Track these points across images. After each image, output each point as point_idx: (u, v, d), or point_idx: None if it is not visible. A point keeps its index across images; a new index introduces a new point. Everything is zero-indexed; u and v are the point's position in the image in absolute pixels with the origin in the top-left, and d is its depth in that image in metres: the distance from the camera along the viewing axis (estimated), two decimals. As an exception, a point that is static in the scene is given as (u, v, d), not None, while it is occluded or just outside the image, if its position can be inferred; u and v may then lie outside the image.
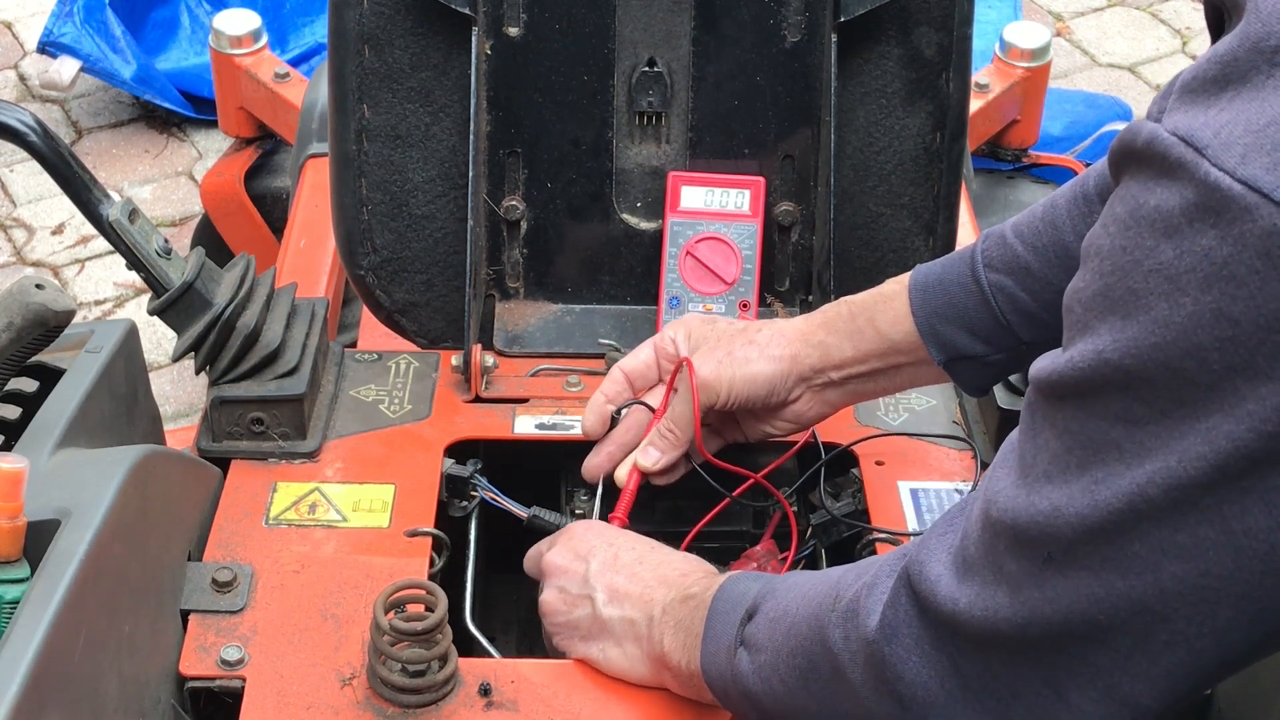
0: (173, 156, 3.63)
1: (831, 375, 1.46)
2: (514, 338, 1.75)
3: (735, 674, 1.19)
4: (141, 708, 1.26)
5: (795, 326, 1.48)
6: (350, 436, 1.61)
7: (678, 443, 1.47)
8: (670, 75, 1.71)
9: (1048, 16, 4.12)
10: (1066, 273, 1.35)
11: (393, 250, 1.73)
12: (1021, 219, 1.39)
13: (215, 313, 1.54)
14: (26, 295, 1.28)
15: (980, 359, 1.40)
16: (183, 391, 3.03)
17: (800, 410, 1.49)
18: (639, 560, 1.35)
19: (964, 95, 1.72)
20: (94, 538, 1.18)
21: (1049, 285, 1.35)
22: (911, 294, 1.41)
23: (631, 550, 1.36)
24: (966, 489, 1.58)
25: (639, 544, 1.38)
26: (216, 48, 2.78)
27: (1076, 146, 3.00)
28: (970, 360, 1.40)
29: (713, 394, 1.46)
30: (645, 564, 1.35)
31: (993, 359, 1.40)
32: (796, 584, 1.19)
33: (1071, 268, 1.37)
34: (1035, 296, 1.36)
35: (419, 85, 1.69)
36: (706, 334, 1.50)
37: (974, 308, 1.38)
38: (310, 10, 3.72)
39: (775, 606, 1.18)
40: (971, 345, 1.39)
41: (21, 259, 3.32)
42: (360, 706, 1.31)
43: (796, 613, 1.15)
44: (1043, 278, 1.36)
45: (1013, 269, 1.37)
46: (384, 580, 1.39)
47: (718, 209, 1.73)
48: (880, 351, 1.44)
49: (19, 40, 3.97)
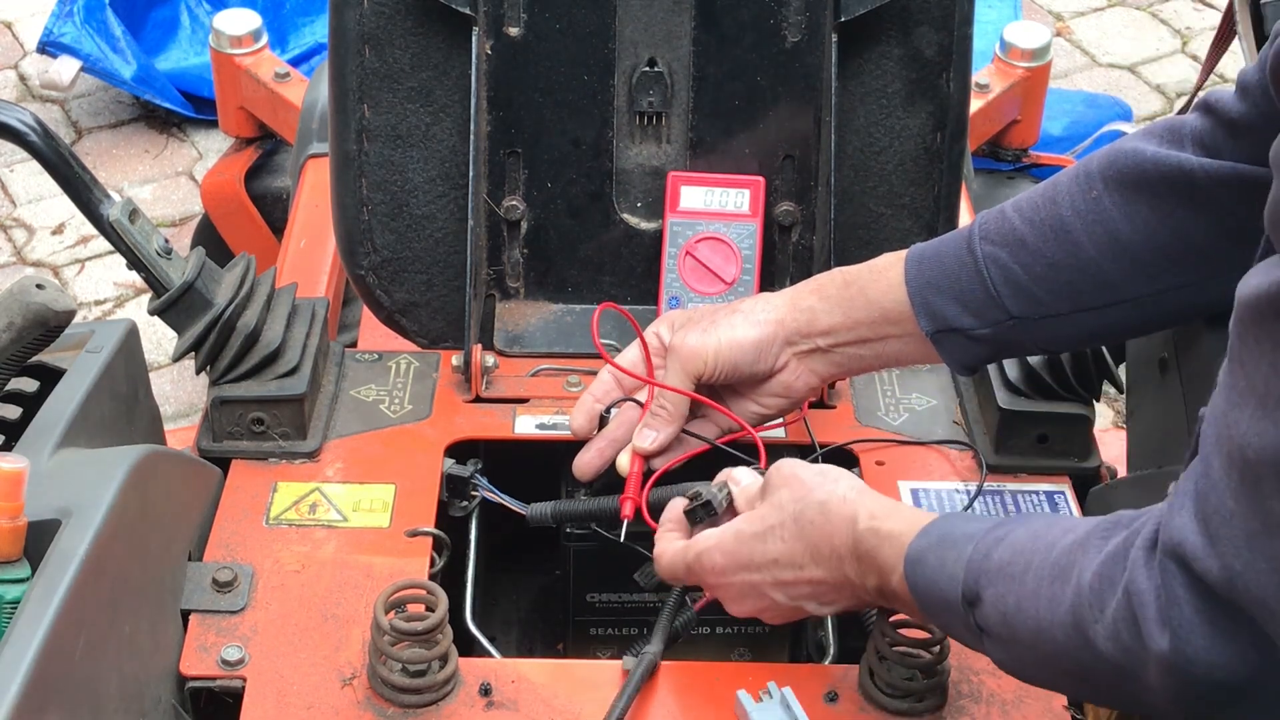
0: (173, 156, 3.63)
1: (819, 342, 1.45)
2: (514, 338, 1.75)
3: (980, 646, 1.19)
4: (142, 708, 1.26)
5: (784, 293, 1.48)
6: (351, 436, 1.61)
7: (671, 419, 1.46)
8: (670, 75, 1.71)
9: (1048, 16, 4.12)
10: (1061, 247, 1.35)
11: (393, 250, 1.73)
12: (1022, 196, 1.40)
13: (216, 313, 1.54)
14: (27, 295, 1.28)
15: (966, 332, 1.40)
16: (183, 391, 3.03)
17: (788, 381, 1.48)
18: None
19: (964, 95, 1.72)
20: (94, 538, 1.18)
21: (1041, 257, 1.35)
22: (907, 264, 1.42)
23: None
24: (967, 489, 1.58)
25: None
26: (216, 47, 2.78)
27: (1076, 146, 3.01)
28: (957, 333, 1.40)
29: (699, 362, 1.45)
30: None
31: (979, 333, 1.39)
32: (1012, 573, 1.13)
33: (1067, 243, 1.38)
34: (1027, 269, 1.36)
35: (419, 85, 1.69)
36: (690, 316, 1.51)
37: (966, 278, 1.38)
38: (310, 10, 3.72)
39: (999, 598, 1.14)
40: (960, 317, 1.39)
41: (21, 259, 3.32)
42: (360, 706, 1.31)
43: (1039, 616, 1.10)
44: (1036, 250, 1.36)
45: (1008, 241, 1.37)
46: (384, 580, 1.39)
47: (717, 209, 1.73)
48: (869, 320, 1.43)
49: (19, 40, 3.97)
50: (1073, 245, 1.34)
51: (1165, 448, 1.52)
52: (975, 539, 1.17)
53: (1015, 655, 1.15)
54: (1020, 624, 1.12)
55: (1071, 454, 1.61)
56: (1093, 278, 1.35)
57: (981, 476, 1.59)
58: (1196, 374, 1.46)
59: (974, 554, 1.16)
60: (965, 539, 1.18)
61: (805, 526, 1.28)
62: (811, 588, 1.29)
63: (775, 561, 1.29)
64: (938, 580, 1.18)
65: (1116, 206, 1.33)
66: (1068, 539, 1.11)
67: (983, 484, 1.58)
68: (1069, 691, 1.28)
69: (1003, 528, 1.17)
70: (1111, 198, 1.33)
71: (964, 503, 1.56)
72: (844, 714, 1.33)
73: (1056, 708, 1.35)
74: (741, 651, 1.58)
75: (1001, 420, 1.59)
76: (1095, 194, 1.34)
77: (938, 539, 1.20)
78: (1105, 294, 1.36)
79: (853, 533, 1.25)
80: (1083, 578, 1.07)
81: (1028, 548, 1.13)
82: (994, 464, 1.60)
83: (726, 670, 1.38)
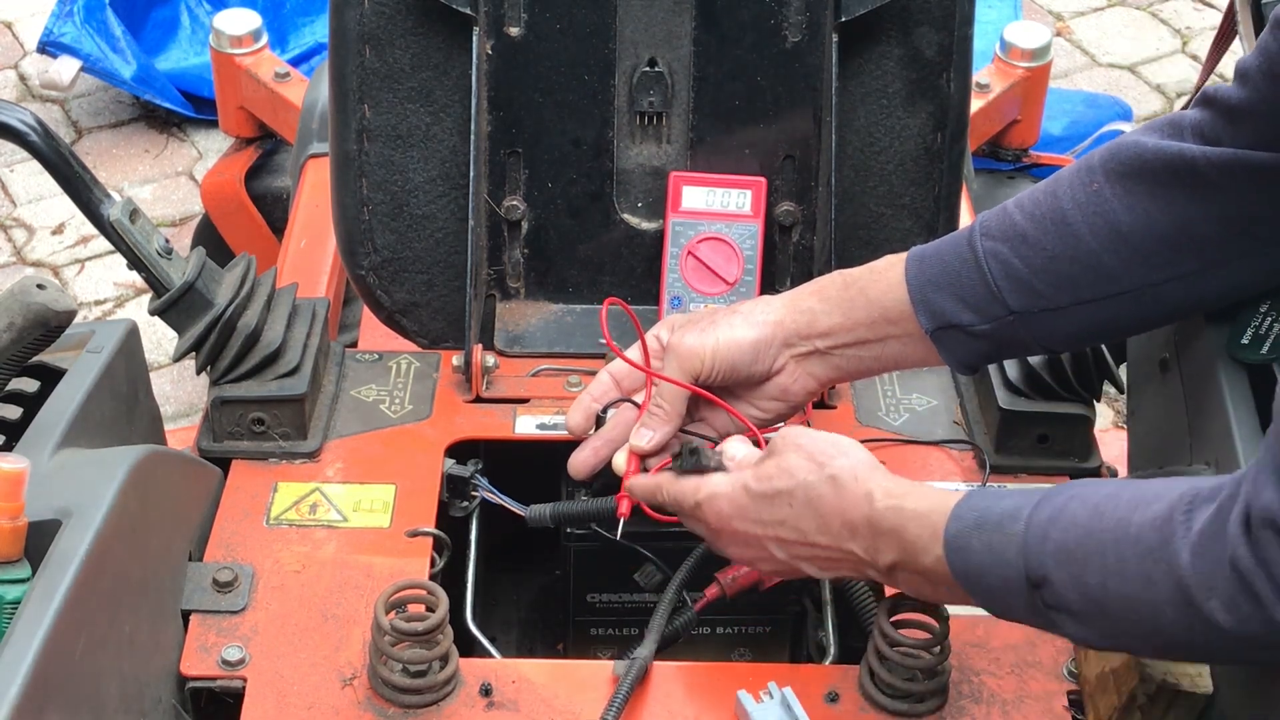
0: (173, 156, 3.63)
1: (817, 344, 1.45)
2: (515, 338, 1.75)
3: (1047, 624, 1.20)
4: (142, 708, 1.26)
5: (784, 296, 1.48)
6: (351, 436, 1.61)
7: (668, 418, 1.46)
8: (671, 75, 1.71)
9: (1048, 16, 4.12)
10: (1061, 239, 1.35)
11: (393, 250, 1.73)
12: (1024, 193, 1.40)
13: (216, 313, 1.54)
14: (28, 295, 1.28)
15: (966, 329, 1.39)
16: (183, 391, 3.03)
17: (785, 384, 1.47)
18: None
19: (965, 95, 1.72)
20: (95, 538, 1.18)
21: (1042, 251, 1.35)
22: (908, 264, 1.42)
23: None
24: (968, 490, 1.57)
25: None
26: (217, 47, 2.78)
27: (1076, 146, 3.00)
28: (957, 330, 1.40)
29: (697, 361, 1.45)
30: None
31: (979, 329, 1.39)
32: (1084, 554, 1.15)
33: (1067, 235, 1.38)
34: (1027, 263, 1.36)
35: (420, 85, 1.69)
36: (690, 318, 1.51)
37: (966, 273, 1.38)
38: (310, 10, 3.72)
39: (1075, 578, 1.15)
40: (960, 313, 1.39)
41: (21, 259, 3.32)
42: (361, 707, 1.31)
43: (1135, 595, 1.12)
44: (1037, 244, 1.36)
45: (1008, 235, 1.37)
46: (385, 580, 1.39)
47: (719, 209, 1.73)
48: (869, 320, 1.43)
49: (19, 40, 3.97)
50: (1073, 237, 1.35)
51: (1166, 448, 1.52)
52: (1019, 517, 1.18)
53: (1102, 630, 1.16)
54: (1112, 602, 1.13)
55: (1072, 454, 1.61)
56: (1093, 269, 1.35)
57: (985, 475, 1.59)
58: (1197, 374, 1.46)
59: (1029, 536, 1.17)
60: (1008, 518, 1.19)
61: (815, 500, 1.29)
62: (812, 551, 1.30)
63: (781, 523, 1.31)
64: (990, 564, 1.19)
65: (1117, 197, 1.33)
66: (1141, 515, 1.12)
67: (985, 484, 1.58)
68: (1175, 658, 1.28)
69: (1049, 503, 1.18)
70: (1112, 189, 1.33)
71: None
72: (844, 714, 1.33)
73: (1057, 708, 1.35)
74: (742, 652, 1.58)
75: (1002, 420, 1.59)
76: (1096, 186, 1.34)
77: (975, 521, 1.21)
78: (1105, 285, 1.36)
79: (869, 510, 1.26)
80: (1180, 557, 1.08)
81: (1095, 527, 1.14)
82: (994, 464, 1.60)
83: (727, 670, 1.38)
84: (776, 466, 1.32)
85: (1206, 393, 1.43)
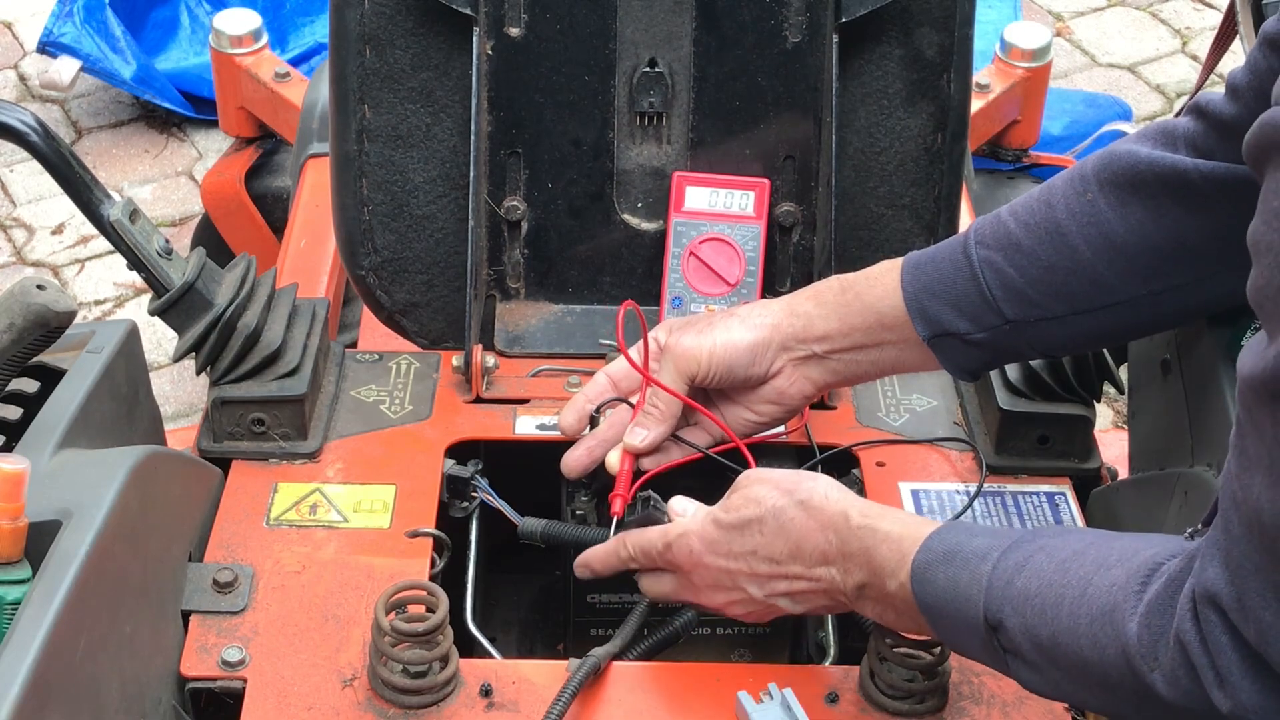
0: (173, 156, 3.63)
1: (814, 348, 1.45)
2: (515, 338, 1.75)
3: (1002, 666, 1.20)
4: (142, 708, 1.26)
5: (782, 299, 1.49)
6: (351, 437, 1.61)
7: (663, 417, 1.46)
8: (671, 76, 1.71)
9: (1048, 16, 4.12)
10: (1055, 249, 1.35)
11: (393, 251, 1.73)
12: (1018, 201, 1.40)
13: (216, 313, 1.54)
14: (28, 296, 1.28)
15: (962, 336, 1.40)
16: (183, 391, 3.03)
17: (782, 387, 1.47)
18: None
19: (965, 96, 1.72)
20: (95, 539, 1.18)
21: (1037, 260, 1.35)
22: (903, 271, 1.42)
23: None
24: (967, 490, 1.58)
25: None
26: (217, 47, 2.78)
27: (1076, 146, 3.00)
28: (953, 338, 1.40)
29: (693, 362, 1.45)
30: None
31: (975, 337, 1.39)
32: (1041, 606, 1.15)
33: (1062, 246, 1.38)
34: (1022, 272, 1.36)
35: (420, 85, 1.69)
36: (689, 321, 1.51)
37: (961, 282, 1.38)
38: (310, 10, 3.72)
39: (1030, 628, 1.15)
40: (956, 321, 1.39)
41: (21, 259, 3.32)
42: (361, 707, 1.31)
43: (1083, 654, 1.12)
44: (1031, 253, 1.36)
45: (1003, 245, 1.37)
46: (385, 581, 1.39)
47: (722, 210, 1.73)
48: (866, 326, 1.43)
49: (19, 40, 3.97)
50: (1068, 248, 1.35)
51: (1167, 449, 1.52)
52: (989, 558, 1.18)
53: (1052, 680, 1.17)
54: (1062, 657, 1.13)
55: (1072, 455, 1.61)
56: (1088, 280, 1.35)
57: (982, 476, 1.59)
58: (1198, 375, 1.46)
59: (994, 579, 1.17)
60: (976, 557, 1.19)
61: (786, 524, 1.28)
62: (788, 583, 1.30)
63: (753, 553, 1.30)
64: (950, 599, 1.19)
65: (1111, 208, 1.33)
66: (1101, 578, 1.12)
67: (983, 484, 1.58)
68: (1124, 718, 1.25)
69: (1018, 550, 1.18)
70: (1106, 200, 1.33)
71: (964, 504, 1.56)
72: (845, 715, 1.33)
73: (1057, 709, 1.34)
74: (742, 652, 1.58)
75: (1002, 421, 1.59)
76: (1090, 197, 1.34)
77: (944, 554, 1.21)
78: (1100, 296, 1.36)
79: (842, 529, 1.26)
80: (1128, 626, 1.08)
81: (1056, 581, 1.14)
82: (994, 465, 1.60)
83: (727, 671, 1.38)
84: (744, 498, 1.32)
85: (1208, 394, 1.43)
